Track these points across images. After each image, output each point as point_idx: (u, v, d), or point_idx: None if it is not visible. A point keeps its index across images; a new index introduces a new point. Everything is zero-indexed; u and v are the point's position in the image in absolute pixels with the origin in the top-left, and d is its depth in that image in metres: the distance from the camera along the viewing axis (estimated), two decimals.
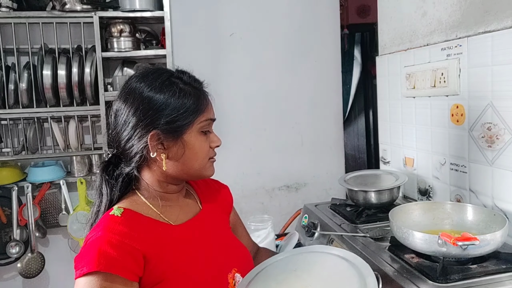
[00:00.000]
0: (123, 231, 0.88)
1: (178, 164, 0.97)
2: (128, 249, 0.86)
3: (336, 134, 2.56)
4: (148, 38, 2.31)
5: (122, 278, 0.84)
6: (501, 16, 1.25)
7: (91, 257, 0.84)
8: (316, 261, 1.03)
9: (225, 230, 1.12)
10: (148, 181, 0.99)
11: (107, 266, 0.83)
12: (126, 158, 0.98)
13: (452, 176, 1.49)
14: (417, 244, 1.08)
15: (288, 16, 2.42)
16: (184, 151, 0.96)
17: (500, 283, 1.00)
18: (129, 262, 0.85)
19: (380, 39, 1.96)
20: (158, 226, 0.95)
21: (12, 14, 1.99)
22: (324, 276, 0.97)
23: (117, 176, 0.98)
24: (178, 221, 1.00)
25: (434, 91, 1.53)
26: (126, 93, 0.97)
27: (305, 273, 0.99)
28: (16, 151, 2.14)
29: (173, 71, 1.00)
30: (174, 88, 0.95)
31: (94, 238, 0.87)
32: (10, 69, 2.07)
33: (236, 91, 2.34)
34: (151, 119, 0.93)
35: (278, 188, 2.49)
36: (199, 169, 0.99)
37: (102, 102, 2.06)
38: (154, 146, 0.94)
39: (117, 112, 0.97)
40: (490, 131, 1.29)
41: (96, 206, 0.99)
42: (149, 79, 0.96)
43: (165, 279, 0.89)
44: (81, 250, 0.88)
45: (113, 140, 0.99)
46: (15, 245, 2.15)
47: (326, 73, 2.50)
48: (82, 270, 0.83)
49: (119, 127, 0.97)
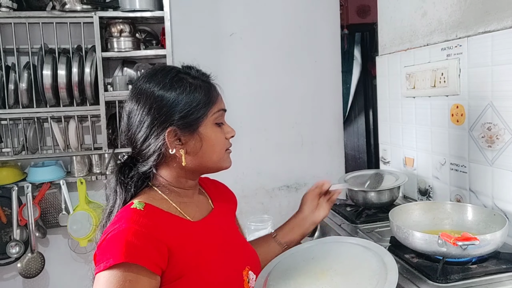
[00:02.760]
0: (148, 223, 0.88)
1: (197, 158, 0.98)
2: (154, 242, 0.86)
3: (336, 134, 2.55)
4: (148, 38, 2.31)
5: (147, 270, 0.83)
6: (501, 16, 1.25)
7: (117, 248, 0.83)
8: (331, 249, 1.06)
9: (235, 229, 1.14)
10: (166, 177, 1.00)
11: (134, 257, 0.82)
12: (144, 157, 0.98)
13: (452, 176, 1.49)
14: (417, 244, 1.08)
15: (288, 16, 2.42)
16: (201, 144, 0.98)
17: (500, 283, 1.01)
18: (154, 254, 0.85)
19: (380, 39, 1.96)
20: (179, 221, 0.96)
21: (12, 14, 1.99)
22: (342, 259, 1.01)
23: (132, 176, 0.99)
24: (195, 217, 1.01)
25: (434, 91, 1.53)
26: (137, 94, 0.98)
27: (323, 259, 1.02)
28: (16, 151, 2.14)
29: (180, 67, 1.02)
30: (184, 84, 0.97)
31: (118, 230, 0.86)
32: (10, 69, 2.06)
33: (236, 91, 2.34)
34: (165, 116, 0.94)
35: (278, 188, 2.49)
36: (217, 161, 1.01)
37: (102, 102, 2.06)
38: (172, 142, 0.95)
39: (130, 114, 0.98)
40: (490, 131, 1.29)
41: (109, 206, 0.99)
42: (158, 78, 0.97)
43: (185, 275, 0.89)
44: (103, 243, 0.87)
45: (129, 141, 1.00)
46: (15, 245, 2.15)
47: (326, 73, 2.50)
48: (108, 262, 0.82)
49: (133, 128, 0.97)
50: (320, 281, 0.93)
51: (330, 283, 0.92)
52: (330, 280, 0.93)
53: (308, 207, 1.22)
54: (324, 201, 1.24)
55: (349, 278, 0.93)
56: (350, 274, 0.94)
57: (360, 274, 0.93)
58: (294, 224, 1.21)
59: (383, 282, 0.87)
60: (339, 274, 0.94)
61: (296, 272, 0.99)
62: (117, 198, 0.98)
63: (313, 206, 1.22)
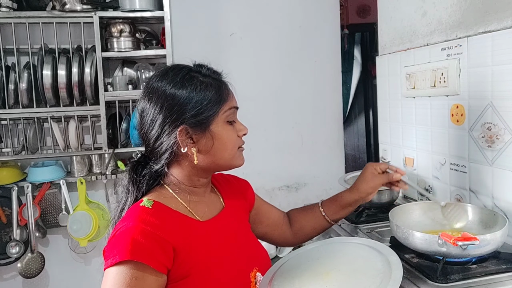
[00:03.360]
0: (154, 222, 0.89)
1: (209, 156, 0.98)
2: (160, 241, 0.87)
3: (336, 134, 2.55)
4: (148, 38, 2.31)
5: (152, 269, 0.84)
6: (501, 16, 1.25)
7: (123, 246, 0.84)
8: (337, 249, 1.07)
9: (246, 228, 1.13)
10: (178, 176, 1.00)
11: (139, 255, 0.83)
12: (156, 155, 0.99)
13: (452, 176, 1.49)
14: (417, 244, 1.08)
15: (288, 16, 2.42)
16: (213, 142, 0.98)
17: (500, 283, 1.01)
18: (160, 253, 0.86)
19: (380, 39, 1.96)
20: (186, 221, 0.96)
21: (12, 14, 1.99)
22: (347, 259, 1.01)
23: (144, 175, 1.00)
24: (204, 217, 1.01)
25: (434, 91, 1.53)
26: (149, 93, 0.98)
27: (328, 259, 1.02)
28: (16, 151, 2.14)
29: (191, 66, 1.02)
30: (195, 82, 0.97)
31: (126, 228, 0.87)
32: (10, 69, 2.06)
33: (236, 91, 2.34)
34: (177, 115, 0.95)
35: (278, 188, 2.49)
36: (230, 159, 1.01)
37: (102, 102, 2.05)
38: (184, 140, 0.96)
39: (143, 113, 0.99)
40: (490, 131, 1.29)
41: (121, 203, 1.00)
42: (170, 76, 0.98)
43: (191, 275, 0.90)
44: (111, 240, 0.88)
45: (142, 140, 1.01)
46: (15, 245, 2.15)
47: (326, 73, 2.50)
48: (114, 258, 0.83)
49: (146, 126, 0.98)
50: (324, 280, 0.94)
51: (334, 283, 0.92)
52: (335, 279, 0.93)
53: (367, 188, 1.20)
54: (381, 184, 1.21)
55: (353, 278, 0.93)
56: (354, 274, 0.95)
57: (365, 273, 0.93)
58: (346, 203, 1.22)
59: (387, 280, 0.87)
60: (344, 274, 0.95)
61: (301, 272, 1.00)
62: (129, 196, 0.99)
63: (372, 190, 1.20)
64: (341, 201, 1.22)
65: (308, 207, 1.28)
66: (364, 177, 1.21)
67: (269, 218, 1.23)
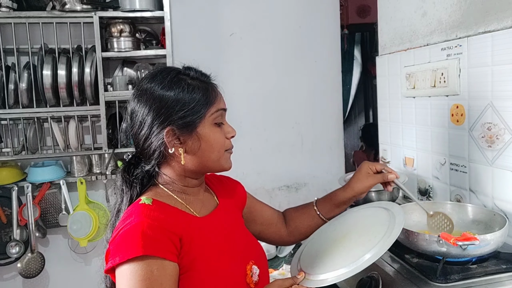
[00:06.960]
0: (159, 216, 0.91)
1: (196, 158, 1.00)
2: (167, 234, 0.88)
3: (336, 134, 2.55)
4: (148, 38, 2.31)
5: (168, 261, 0.86)
6: (501, 16, 1.25)
7: (133, 242, 0.84)
8: (348, 217, 1.19)
9: (240, 224, 1.16)
10: (170, 176, 1.02)
11: (153, 249, 0.84)
12: (146, 156, 1.01)
13: (452, 176, 1.49)
14: (417, 244, 1.08)
15: (288, 16, 2.42)
16: (200, 144, 0.99)
17: (500, 283, 1.01)
18: (170, 245, 0.87)
19: (380, 39, 1.96)
20: (186, 216, 0.98)
21: (12, 14, 1.99)
22: (358, 221, 1.14)
23: (137, 174, 1.01)
24: (201, 213, 1.03)
25: (434, 91, 1.53)
26: (138, 95, 1.01)
27: (342, 226, 1.14)
28: (16, 151, 2.14)
29: (180, 68, 1.04)
30: (182, 84, 0.99)
31: (131, 225, 0.88)
32: (10, 69, 2.06)
33: (236, 91, 2.34)
34: (164, 116, 0.97)
35: (278, 188, 2.49)
36: (217, 161, 1.02)
37: (102, 102, 2.05)
38: (171, 141, 0.98)
39: (132, 114, 1.01)
40: (490, 131, 1.29)
41: (117, 205, 1.01)
42: (159, 79, 1.00)
43: (192, 269, 0.91)
44: (116, 239, 0.88)
45: (132, 140, 1.03)
46: (15, 245, 2.15)
47: (326, 73, 2.50)
48: (124, 256, 0.83)
49: (135, 127, 1.00)
50: (343, 243, 1.04)
51: (353, 240, 1.03)
52: (352, 238, 1.04)
53: (361, 187, 1.20)
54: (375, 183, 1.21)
55: (366, 231, 1.05)
56: (366, 228, 1.07)
57: (375, 225, 1.05)
58: (340, 201, 1.22)
59: (393, 225, 1.00)
60: (358, 232, 1.07)
61: (322, 245, 1.09)
62: (124, 196, 1.00)
63: (366, 189, 1.21)
64: (335, 200, 1.22)
65: (303, 206, 1.29)
66: (359, 176, 1.21)
67: (263, 216, 1.25)
